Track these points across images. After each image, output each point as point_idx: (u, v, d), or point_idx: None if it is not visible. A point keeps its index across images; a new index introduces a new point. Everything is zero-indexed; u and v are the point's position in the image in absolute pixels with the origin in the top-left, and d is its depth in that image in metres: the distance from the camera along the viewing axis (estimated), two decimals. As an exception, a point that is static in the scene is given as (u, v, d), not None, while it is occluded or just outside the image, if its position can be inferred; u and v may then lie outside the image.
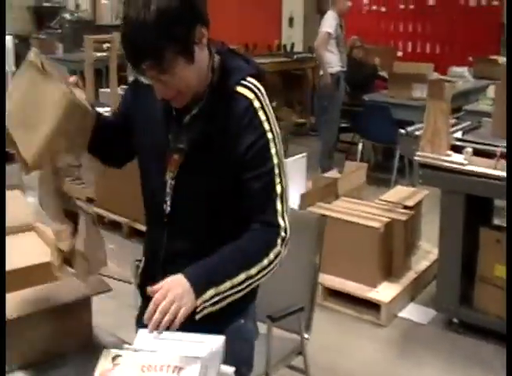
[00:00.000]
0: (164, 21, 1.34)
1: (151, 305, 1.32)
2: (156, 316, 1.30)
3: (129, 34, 1.38)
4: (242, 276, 1.43)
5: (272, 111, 1.51)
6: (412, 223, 4.02)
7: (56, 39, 10.33)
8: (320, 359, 3.29)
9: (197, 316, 1.38)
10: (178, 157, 1.54)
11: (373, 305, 3.70)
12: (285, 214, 1.49)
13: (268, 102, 1.51)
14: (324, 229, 2.34)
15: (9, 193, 1.87)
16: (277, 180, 1.49)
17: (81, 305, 1.55)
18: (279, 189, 1.49)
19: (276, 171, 1.49)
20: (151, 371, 1.27)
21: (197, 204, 1.54)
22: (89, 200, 4.64)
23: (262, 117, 1.48)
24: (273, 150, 1.48)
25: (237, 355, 1.56)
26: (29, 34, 11.67)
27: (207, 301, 1.38)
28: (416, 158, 3.41)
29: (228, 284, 1.41)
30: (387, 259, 3.87)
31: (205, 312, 1.39)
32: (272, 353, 2.12)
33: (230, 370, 1.36)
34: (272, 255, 1.46)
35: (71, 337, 1.56)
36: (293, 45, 9.28)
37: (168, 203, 1.56)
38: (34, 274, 1.59)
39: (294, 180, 4.07)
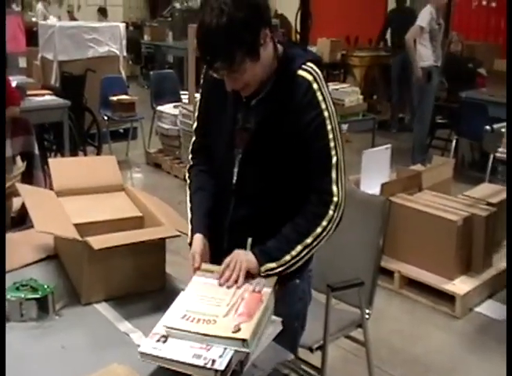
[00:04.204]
0: (234, 27, 1.53)
1: (223, 266, 1.62)
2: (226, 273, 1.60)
3: (204, 38, 1.57)
4: (299, 248, 1.66)
5: (328, 92, 1.69)
6: (495, 220, 3.97)
7: (167, 27, 10.81)
8: (391, 341, 3.41)
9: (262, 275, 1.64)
10: (246, 135, 1.74)
11: (448, 298, 3.75)
12: (339, 181, 1.68)
13: (325, 84, 1.69)
14: (388, 213, 2.45)
15: (104, 158, 2.12)
16: (333, 152, 1.67)
17: (156, 247, 1.78)
18: (334, 159, 1.67)
19: (332, 144, 1.67)
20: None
21: (262, 174, 1.74)
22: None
23: (320, 97, 1.66)
24: (329, 127, 1.66)
25: (290, 308, 1.80)
26: (143, 21, 12.31)
27: (269, 270, 1.65)
28: (497, 155, 3.43)
29: (287, 258, 1.66)
30: (466, 253, 3.89)
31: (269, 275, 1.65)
32: (331, 322, 2.27)
33: (278, 319, 1.57)
34: (324, 223, 1.67)
35: (147, 277, 1.79)
36: (394, 40, 9.23)
37: (235, 173, 1.77)
38: (121, 226, 1.84)
39: (376, 171, 4.18)
